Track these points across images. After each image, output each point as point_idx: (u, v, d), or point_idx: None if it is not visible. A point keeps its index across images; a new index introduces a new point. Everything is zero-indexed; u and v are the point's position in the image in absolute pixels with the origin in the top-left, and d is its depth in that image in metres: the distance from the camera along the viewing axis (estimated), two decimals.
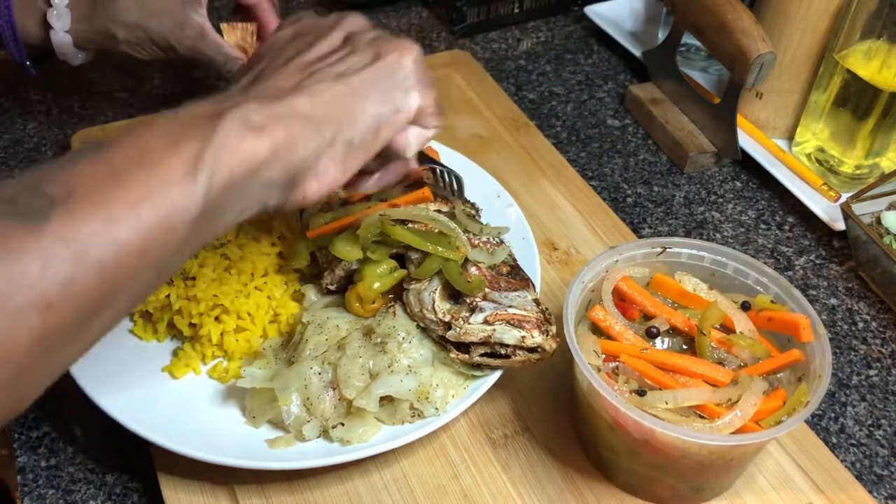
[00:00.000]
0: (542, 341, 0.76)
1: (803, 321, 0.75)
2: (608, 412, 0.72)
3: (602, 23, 1.35)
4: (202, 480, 0.76)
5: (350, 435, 0.75)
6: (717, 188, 1.13)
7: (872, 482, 0.82)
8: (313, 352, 0.78)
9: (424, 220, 0.81)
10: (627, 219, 1.07)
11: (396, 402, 0.76)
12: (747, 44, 1.03)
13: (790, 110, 1.13)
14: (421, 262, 0.80)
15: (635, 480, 0.76)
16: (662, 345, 0.78)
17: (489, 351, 0.77)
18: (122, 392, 0.77)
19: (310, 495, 0.76)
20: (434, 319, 0.78)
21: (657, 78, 1.24)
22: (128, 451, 0.80)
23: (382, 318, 0.80)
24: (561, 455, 0.80)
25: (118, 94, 1.23)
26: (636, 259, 0.82)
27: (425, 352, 0.79)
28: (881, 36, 1.00)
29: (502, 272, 0.82)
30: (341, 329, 0.80)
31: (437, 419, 0.76)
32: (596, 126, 1.22)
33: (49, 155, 1.12)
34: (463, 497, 0.76)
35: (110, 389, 0.76)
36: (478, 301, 0.77)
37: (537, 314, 0.77)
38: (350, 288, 0.82)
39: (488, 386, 0.78)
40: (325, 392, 0.76)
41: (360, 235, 0.80)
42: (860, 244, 0.97)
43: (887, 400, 0.89)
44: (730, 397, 0.71)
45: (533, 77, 1.30)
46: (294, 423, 0.75)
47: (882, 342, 0.95)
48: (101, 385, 0.76)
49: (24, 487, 0.78)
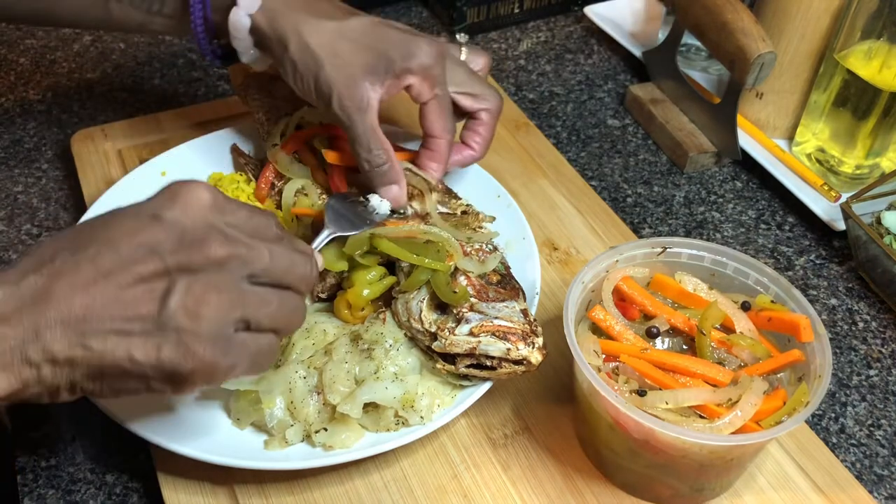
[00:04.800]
0: (528, 353, 0.74)
1: (803, 321, 0.75)
2: (608, 412, 0.72)
3: (602, 23, 1.35)
4: (202, 480, 0.76)
5: (332, 440, 0.74)
6: (717, 188, 1.13)
7: (872, 482, 0.82)
8: (299, 356, 0.78)
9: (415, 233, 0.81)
10: (627, 219, 1.07)
11: (381, 410, 0.75)
12: (747, 44, 1.03)
13: (790, 110, 1.13)
14: (410, 271, 0.80)
15: (635, 480, 0.76)
16: (662, 345, 0.78)
17: (475, 363, 0.76)
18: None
19: (310, 495, 0.76)
20: (421, 329, 0.77)
21: (657, 78, 1.24)
22: (128, 451, 0.80)
23: (370, 324, 0.80)
24: (561, 455, 0.80)
25: (118, 94, 1.23)
26: (636, 259, 0.82)
27: (412, 360, 0.78)
28: (881, 36, 1.00)
29: (492, 281, 0.81)
30: (328, 334, 0.80)
31: (422, 428, 0.76)
32: (596, 126, 1.22)
33: (49, 155, 1.13)
34: (463, 497, 0.76)
35: None
36: (464, 312, 0.76)
37: (524, 326, 0.76)
38: (339, 295, 0.82)
39: (476, 397, 0.78)
40: (309, 396, 0.76)
41: (346, 253, 0.80)
42: (860, 244, 0.97)
43: (887, 400, 0.89)
44: (730, 397, 0.71)
45: (533, 77, 1.30)
46: (277, 426, 0.75)
47: (882, 342, 0.95)
48: None
49: (24, 487, 0.78)
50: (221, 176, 0.98)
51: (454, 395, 0.78)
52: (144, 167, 0.98)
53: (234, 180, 0.97)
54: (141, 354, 0.57)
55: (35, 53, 1.29)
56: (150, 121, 1.13)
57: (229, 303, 0.59)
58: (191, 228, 0.60)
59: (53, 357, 0.57)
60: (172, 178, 0.97)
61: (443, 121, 0.87)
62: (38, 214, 1.05)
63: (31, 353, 0.56)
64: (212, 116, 1.13)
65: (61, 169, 1.10)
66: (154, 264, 0.58)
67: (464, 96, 0.90)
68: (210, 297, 0.58)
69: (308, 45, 0.82)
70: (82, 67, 1.28)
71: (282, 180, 0.94)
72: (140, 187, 0.95)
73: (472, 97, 0.90)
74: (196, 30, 0.88)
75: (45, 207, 1.06)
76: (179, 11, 0.89)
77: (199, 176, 0.99)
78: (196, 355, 0.58)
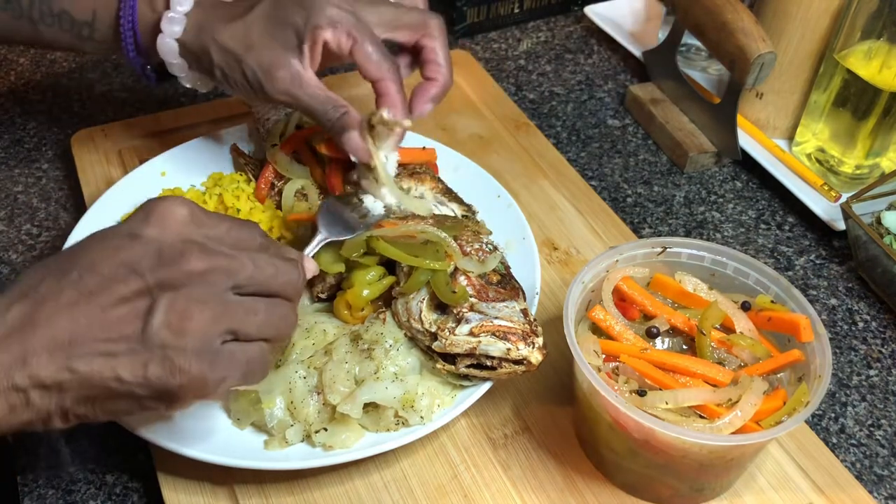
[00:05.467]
0: (528, 353, 0.74)
1: (803, 321, 0.75)
2: (608, 412, 0.72)
3: (602, 23, 1.35)
4: (202, 480, 0.76)
5: (332, 440, 0.74)
6: (717, 188, 1.13)
7: (872, 482, 0.82)
8: (300, 356, 0.78)
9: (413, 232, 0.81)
10: (627, 219, 1.07)
11: (381, 410, 0.75)
12: (747, 44, 1.03)
13: (790, 110, 1.13)
14: (410, 272, 0.79)
15: (635, 480, 0.76)
16: (662, 345, 0.78)
17: (475, 363, 0.76)
18: None
19: (310, 495, 0.76)
20: (421, 329, 0.77)
21: (657, 78, 1.24)
22: (128, 451, 0.80)
23: (370, 324, 0.80)
24: (561, 455, 0.80)
25: (118, 94, 1.23)
26: (636, 259, 0.82)
27: (412, 360, 0.78)
28: (881, 36, 1.00)
29: (492, 281, 0.81)
30: (328, 334, 0.80)
31: (422, 428, 0.76)
32: (596, 126, 1.22)
33: (49, 155, 1.13)
34: (463, 497, 0.76)
35: None
36: (464, 312, 0.76)
37: (524, 326, 0.76)
38: (339, 295, 0.82)
39: (476, 397, 0.78)
40: (309, 396, 0.76)
41: (343, 256, 0.80)
42: (860, 244, 0.97)
43: (887, 400, 0.89)
44: (730, 397, 0.71)
45: (533, 77, 1.30)
46: (277, 426, 0.75)
47: (882, 342, 0.95)
48: None
49: (24, 487, 0.78)
50: (221, 176, 0.98)
51: (454, 395, 0.78)
52: (144, 167, 0.98)
53: (234, 180, 0.97)
54: (128, 374, 0.57)
55: (35, 53, 1.29)
56: (150, 121, 1.13)
57: (213, 316, 0.59)
58: (168, 244, 0.60)
59: (41, 382, 0.57)
60: (172, 178, 0.98)
61: (374, 62, 0.83)
62: (38, 214, 1.05)
63: (18, 379, 0.56)
64: (212, 116, 1.13)
65: (61, 169, 1.10)
66: (135, 283, 0.58)
67: (398, 31, 0.87)
68: (193, 312, 0.58)
69: (225, 47, 0.83)
70: (82, 67, 1.28)
71: (281, 180, 0.94)
72: (140, 187, 0.96)
73: (408, 29, 0.87)
74: (129, 56, 0.88)
75: (45, 207, 1.06)
76: (111, 38, 0.89)
77: (199, 176, 0.99)
78: (183, 371, 0.58)
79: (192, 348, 0.58)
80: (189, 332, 0.58)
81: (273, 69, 0.81)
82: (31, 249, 1.00)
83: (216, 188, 0.95)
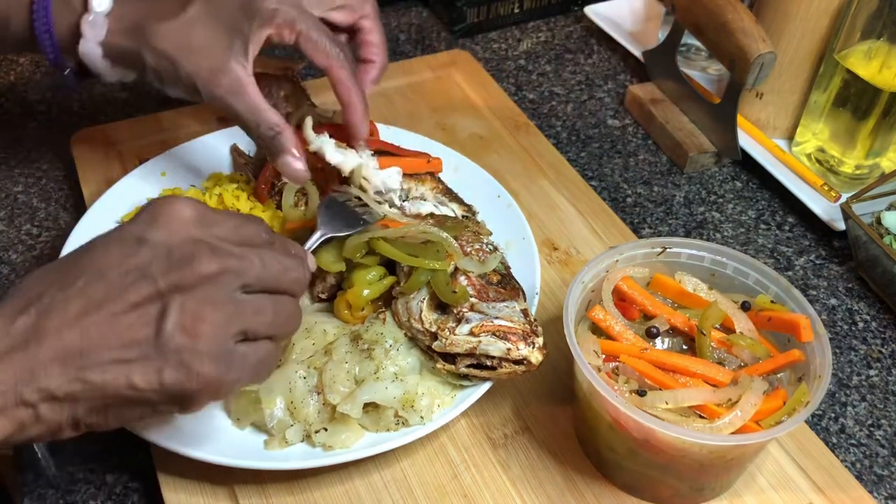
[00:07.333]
0: (528, 353, 0.74)
1: (803, 321, 0.75)
2: (608, 412, 0.72)
3: (602, 23, 1.35)
4: (202, 480, 0.76)
5: (332, 440, 0.74)
6: (717, 188, 1.13)
7: (872, 482, 0.82)
8: (300, 356, 0.78)
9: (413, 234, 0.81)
10: (627, 219, 1.07)
11: (381, 410, 0.76)
12: (747, 44, 1.03)
13: (790, 110, 1.13)
14: (410, 272, 0.79)
15: (635, 480, 0.76)
16: (662, 345, 0.78)
17: (475, 362, 0.76)
18: None
19: (310, 495, 0.76)
20: (421, 329, 0.77)
21: (657, 78, 1.24)
22: (128, 451, 0.80)
23: (370, 324, 0.80)
24: (561, 455, 0.80)
25: (118, 94, 1.23)
26: (636, 259, 0.82)
27: (412, 360, 0.79)
28: (881, 36, 1.00)
29: (492, 281, 0.81)
30: (328, 334, 0.80)
31: (422, 428, 0.76)
32: (596, 126, 1.22)
33: (49, 155, 1.13)
34: (463, 497, 0.76)
35: None
36: (464, 312, 0.76)
37: (524, 325, 0.76)
38: (339, 295, 0.82)
39: (477, 397, 0.78)
40: (309, 396, 0.76)
41: (344, 257, 0.80)
42: (860, 244, 0.97)
43: (887, 400, 0.89)
44: (730, 397, 0.71)
45: (533, 77, 1.30)
46: (277, 426, 0.75)
47: (882, 342, 0.95)
48: None
49: (24, 487, 0.78)
50: (221, 176, 0.98)
51: (454, 395, 0.78)
52: (144, 167, 0.99)
53: (234, 180, 0.97)
54: (142, 380, 0.57)
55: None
56: (150, 121, 1.13)
57: (226, 317, 0.58)
58: (178, 247, 0.59)
59: (52, 395, 0.56)
60: (172, 178, 0.98)
61: (322, 50, 0.81)
62: (38, 214, 1.05)
63: (27, 394, 0.56)
64: (212, 116, 1.13)
65: (61, 169, 1.10)
66: (146, 288, 0.57)
67: (334, 13, 0.86)
68: (206, 314, 0.57)
69: (160, 50, 0.79)
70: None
71: (281, 180, 0.94)
72: (140, 187, 0.96)
73: (343, 10, 0.87)
74: (49, 59, 0.84)
75: (45, 207, 1.06)
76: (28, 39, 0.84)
77: (199, 176, 0.99)
78: (200, 374, 0.57)
79: (206, 351, 0.57)
80: (203, 335, 0.57)
81: (212, 74, 0.78)
82: (31, 249, 1.00)
83: (216, 188, 0.95)
